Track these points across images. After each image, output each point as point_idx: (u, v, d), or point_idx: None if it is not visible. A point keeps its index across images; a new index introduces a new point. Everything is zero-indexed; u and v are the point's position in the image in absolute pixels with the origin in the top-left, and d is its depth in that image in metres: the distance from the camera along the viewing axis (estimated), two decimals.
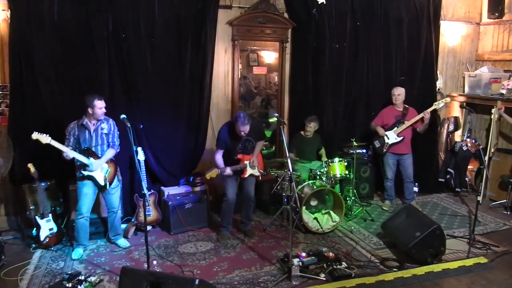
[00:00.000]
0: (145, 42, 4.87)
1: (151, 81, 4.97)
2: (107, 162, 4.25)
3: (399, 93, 5.50)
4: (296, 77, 5.81)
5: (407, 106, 5.58)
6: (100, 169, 4.19)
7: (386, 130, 5.52)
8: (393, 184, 5.75)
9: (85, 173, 4.13)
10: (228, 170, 4.42)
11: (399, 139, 5.47)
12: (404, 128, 5.45)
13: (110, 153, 4.26)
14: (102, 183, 4.22)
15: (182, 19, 4.98)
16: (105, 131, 4.24)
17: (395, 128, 5.48)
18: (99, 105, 4.09)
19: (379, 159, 5.91)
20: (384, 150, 5.56)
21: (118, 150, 4.34)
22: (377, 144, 5.63)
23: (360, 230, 5.04)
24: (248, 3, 5.46)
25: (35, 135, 3.86)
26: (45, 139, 3.88)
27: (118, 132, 4.33)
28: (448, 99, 5.68)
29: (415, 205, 5.37)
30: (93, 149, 4.18)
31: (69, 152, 3.98)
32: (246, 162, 4.56)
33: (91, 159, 4.12)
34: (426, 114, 5.38)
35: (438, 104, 5.55)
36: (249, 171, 4.57)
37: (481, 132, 6.77)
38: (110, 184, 4.30)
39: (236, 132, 4.35)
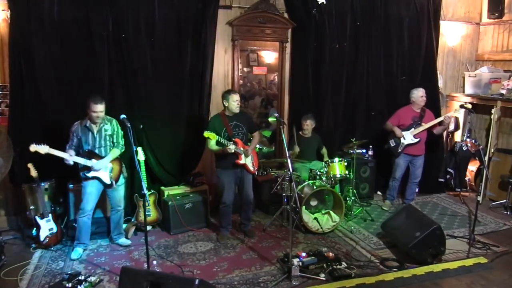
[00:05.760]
0: (145, 42, 4.87)
1: (151, 81, 4.97)
2: (111, 161, 4.26)
3: (425, 94, 5.45)
4: (296, 77, 5.81)
5: (424, 107, 5.53)
6: (104, 168, 4.21)
7: (402, 131, 5.47)
8: (398, 185, 5.74)
9: (89, 174, 4.15)
10: (232, 147, 4.37)
11: (416, 140, 5.42)
12: (421, 130, 5.41)
13: (115, 152, 4.27)
14: (108, 182, 4.25)
15: (182, 19, 4.98)
16: (108, 132, 4.24)
17: (412, 129, 5.43)
18: (94, 109, 4.04)
19: (382, 158, 5.88)
20: (399, 150, 5.50)
21: (123, 150, 4.36)
22: (392, 143, 5.57)
23: (360, 230, 5.04)
24: (248, 3, 5.46)
25: (33, 147, 3.86)
26: (43, 149, 3.89)
27: (122, 132, 4.34)
28: (469, 105, 5.42)
29: (414, 205, 5.36)
30: (97, 150, 4.18)
31: (69, 158, 4.00)
32: (242, 148, 4.54)
33: (93, 160, 4.13)
34: (447, 118, 5.36)
35: (460, 111, 5.53)
36: (243, 159, 4.55)
37: (481, 132, 6.77)
38: (116, 182, 4.32)
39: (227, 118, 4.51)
